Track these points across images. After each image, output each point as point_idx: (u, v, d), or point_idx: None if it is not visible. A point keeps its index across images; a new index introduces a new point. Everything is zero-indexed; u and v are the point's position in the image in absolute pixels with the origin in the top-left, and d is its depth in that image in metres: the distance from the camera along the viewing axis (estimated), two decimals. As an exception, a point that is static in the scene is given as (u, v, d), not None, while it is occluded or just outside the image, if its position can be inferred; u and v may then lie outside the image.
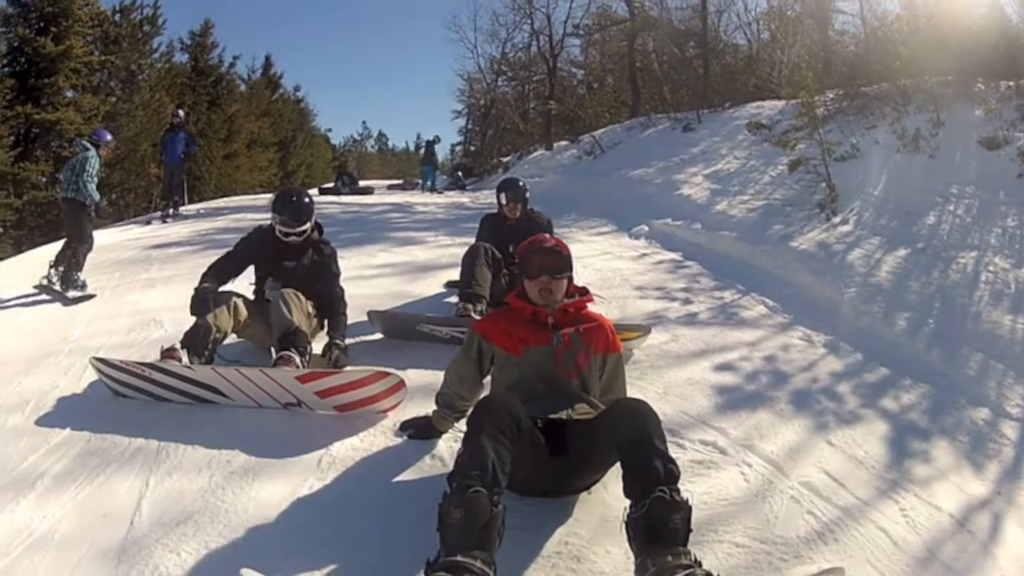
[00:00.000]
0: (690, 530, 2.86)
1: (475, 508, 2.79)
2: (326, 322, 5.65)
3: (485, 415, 3.10)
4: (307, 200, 5.84)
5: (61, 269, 8.19)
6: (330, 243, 5.95)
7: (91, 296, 7.88)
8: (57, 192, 8.62)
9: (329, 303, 5.67)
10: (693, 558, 2.76)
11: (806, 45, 18.08)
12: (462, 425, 3.41)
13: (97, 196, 8.56)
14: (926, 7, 13.33)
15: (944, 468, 4.22)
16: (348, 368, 4.82)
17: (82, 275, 8.18)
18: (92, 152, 8.64)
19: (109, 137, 9.29)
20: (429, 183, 25.32)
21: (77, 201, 8.47)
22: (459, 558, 2.68)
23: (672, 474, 2.94)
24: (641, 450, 3.01)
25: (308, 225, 5.70)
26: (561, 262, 3.91)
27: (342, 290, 5.80)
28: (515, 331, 3.86)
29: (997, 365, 5.48)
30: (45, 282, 8.14)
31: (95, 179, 8.57)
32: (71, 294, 7.89)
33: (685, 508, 2.87)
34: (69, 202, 8.52)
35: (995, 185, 8.42)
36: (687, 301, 7.11)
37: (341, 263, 5.99)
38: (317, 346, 5.44)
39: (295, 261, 5.70)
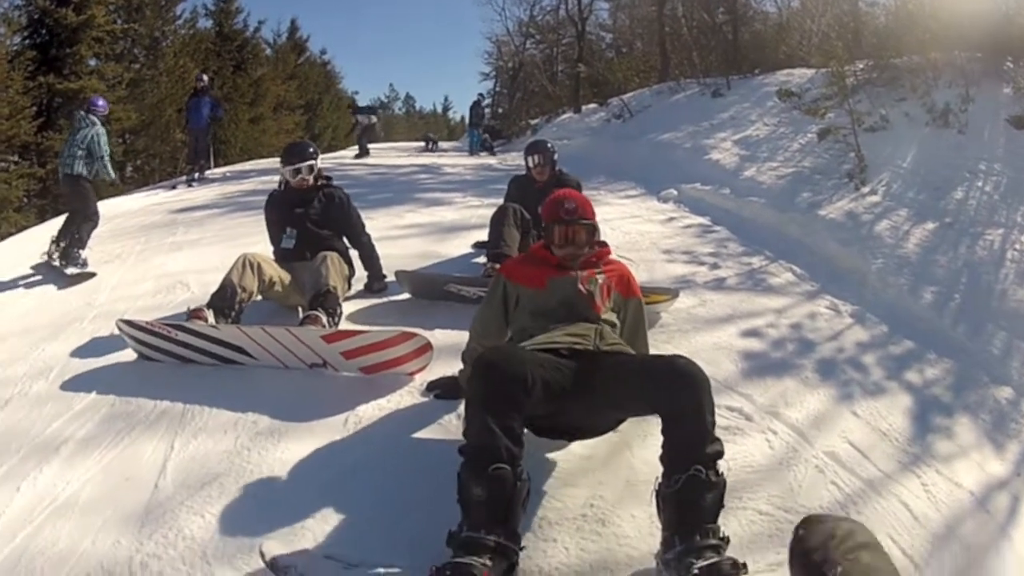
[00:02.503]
0: (722, 506, 2.83)
1: (499, 486, 2.75)
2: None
3: (485, 383, 2.98)
4: (305, 143, 6.44)
5: (63, 244, 8.02)
6: (341, 188, 6.19)
7: (91, 275, 7.56)
8: (60, 168, 8.20)
9: (358, 248, 6.16)
10: (721, 535, 2.75)
11: (836, 15, 17.79)
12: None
13: (114, 174, 8.48)
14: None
15: (966, 445, 4.17)
16: (374, 328, 4.82)
17: (84, 253, 7.88)
18: (100, 127, 8.45)
19: (102, 103, 8.99)
20: (475, 147, 23.37)
21: (83, 176, 8.27)
22: (482, 535, 2.67)
23: (713, 455, 2.88)
24: (687, 423, 2.92)
25: (312, 161, 5.94)
26: (587, 233, 3.91)
27: (369, 236, 6.25)
28: (540, 271, 3.85)
29: (1021, 344, 5.38)
30: (46, 258, 8.04)
31: (108, 155, 8.46)
32: (69, 271, 7.61)
33: (719, 487, 2.82)
34: (73, 178, 8.26)
35: (1022, 164, 8.28)
36: (715, 266, 7.07)
37: (369, 224, 6.16)
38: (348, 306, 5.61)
39: (304, 207, 5.88)
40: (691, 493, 2.78)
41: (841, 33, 15.86)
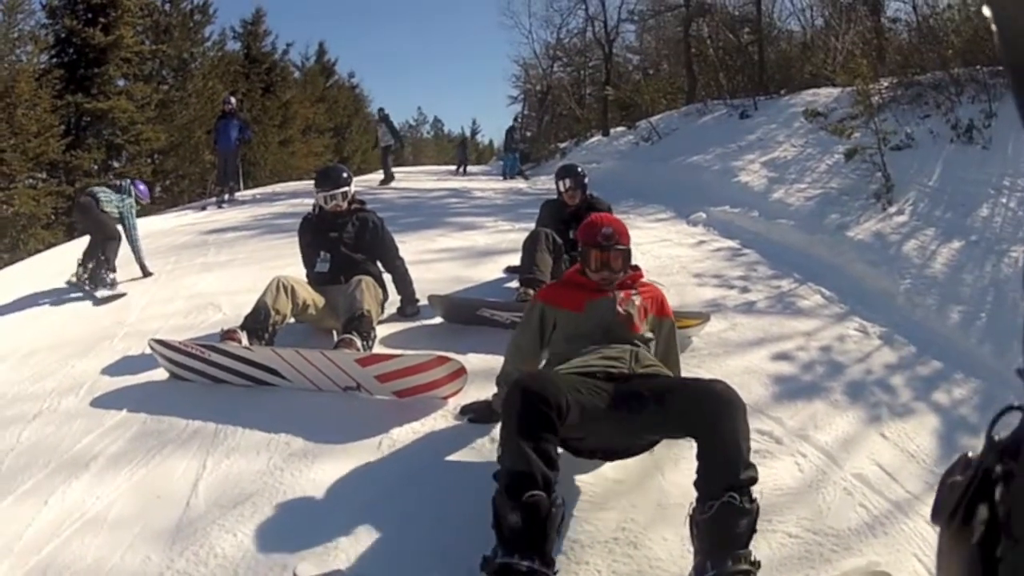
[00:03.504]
0: (754, 531, 2.85)
1: (534, 514, 2.75)
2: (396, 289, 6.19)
3: (520, 407, 2.97)
4: (339, 168, 6.53)
5: (90, 266, 8.00)
6: (374, 212, 6.27)
7: (121, 295, 7.61)
8: (90, 200, 8.09)
9: (391, 273, 6.17)
10: (752, 560, 2.76)
11: (859, 32, 17.83)
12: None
13: (144, 250, 8.48)
14: (978, -3, 13.03)
15: (992, 466, 4.15)
16: (409, 352, 4.84)
17: (112, 274, 7.89)
18: (134, 201, 8.45)
19: (144, 189, 8.93)
20: (508, 172, 22.83)
21: (99, 206, 8.15)
22: (517, 560, 2.68)
23: (748, 481, 2.88)
24: (723, 448, 2.94)
25: (346, 188, 6.08)
26: (622, 259, 3.95)
27: (402, 260, 6.26)
28: (577, 293, 3.88)
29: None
30: (74, 279, 8.00)
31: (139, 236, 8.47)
32: (100, 293, 7.70)
33: (753, 514, 2.83)
34: (94, 200, 8.17)
35: (1047, 178, 8.21)
36: (745, 289, 7.05)
37: (401, 248, 6.26)
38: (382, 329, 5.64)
39: (338, 232, 5.95)
40: (725, 520, 2.79)
41: (865, 51, 15.87)
